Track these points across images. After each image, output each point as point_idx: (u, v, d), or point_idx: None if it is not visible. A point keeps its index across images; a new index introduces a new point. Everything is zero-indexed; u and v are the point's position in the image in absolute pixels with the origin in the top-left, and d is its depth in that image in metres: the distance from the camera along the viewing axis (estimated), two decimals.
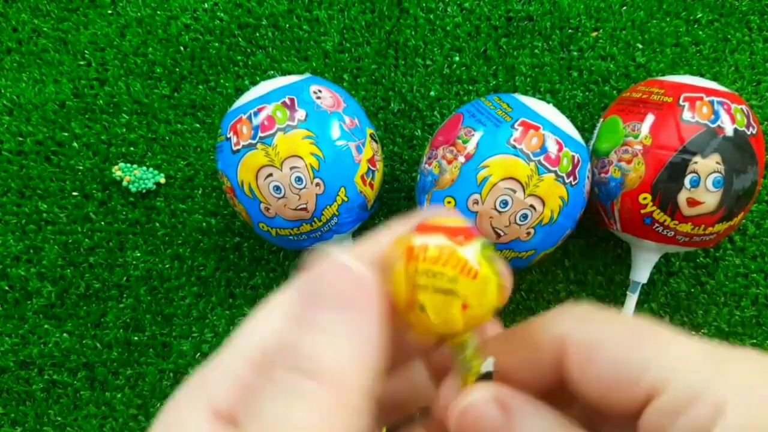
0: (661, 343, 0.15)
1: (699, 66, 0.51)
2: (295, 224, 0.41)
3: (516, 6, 0.51)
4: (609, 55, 0.51)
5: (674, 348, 0.15)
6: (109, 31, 0.52)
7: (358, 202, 0.42)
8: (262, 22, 0.52)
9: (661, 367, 0.15)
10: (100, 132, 0.51)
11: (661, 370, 0.15)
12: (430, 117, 0.51)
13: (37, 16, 0.52)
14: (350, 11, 0.51)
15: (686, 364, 0.15)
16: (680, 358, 0.15)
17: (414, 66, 0.51)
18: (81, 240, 0.50)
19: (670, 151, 0.39)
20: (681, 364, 0.15)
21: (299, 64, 0.51)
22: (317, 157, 0.39)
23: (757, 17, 0.51)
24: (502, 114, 0.40)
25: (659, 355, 0.15)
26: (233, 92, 0.51)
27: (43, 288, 0.49)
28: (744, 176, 0.40)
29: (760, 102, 0.50)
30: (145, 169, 0.50)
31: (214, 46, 0.51)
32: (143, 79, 0.51)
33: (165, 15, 0.52)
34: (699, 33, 0.51)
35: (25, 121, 0.51)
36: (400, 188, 0.50)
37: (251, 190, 0.40)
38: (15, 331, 0.49)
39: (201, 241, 0.50)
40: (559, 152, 0.39)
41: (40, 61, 0.52)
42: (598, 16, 0.51)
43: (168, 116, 0.51)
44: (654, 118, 0.40)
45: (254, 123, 0.40)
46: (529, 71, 0.51)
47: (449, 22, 0.51)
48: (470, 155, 0.39)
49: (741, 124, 0.39)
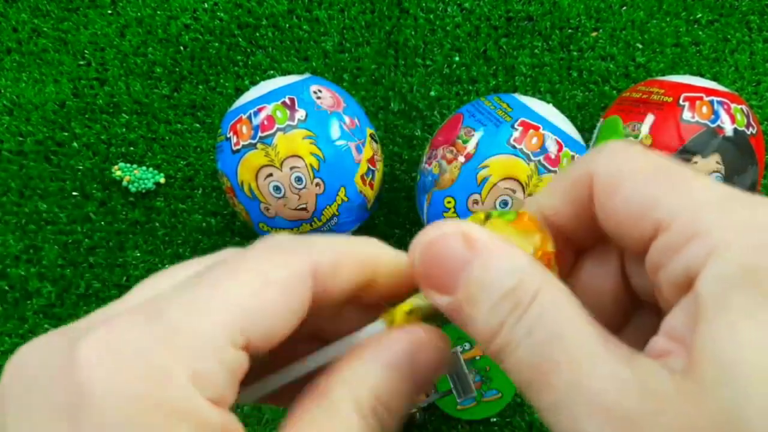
0: (680, 181, 0.15)
1: (699, 66, 0.51)
2: (295, 224, 0.41)
3: (516, 6, 0.51)
4: (609, 55, 0.51)
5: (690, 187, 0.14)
6: (109, 31, 0.52)
7: (358, 202, 0.42)
8: (262, 22, 0.52)
9: (671, 203, 0.14)
10: (100, 132, 0.51)
11: (670, 206, 0.14)
12: (430, 117, 0.51)
13: (37, 16, 0.52)
14: (350, 11, 0.51)
15: (696, 203, 0.14)
16: (692, 198, 0.14)
17: (414, 66, 0.51)
18: (81, 240, 0.50)
19: (670, 151, 0.39)
20: (691, 203, 0.14)
21: (299, 64, 0.51)
22: (317, 157, 0.39)
23: (757, 17, 0.51)
24: (502, 114, 0.40)
25: (673, 192, 0.14)
26: (233, 92, 0.51)
27: (43, 288, 0.49)
28: (744, 176, 0.40)
29: (760, 102, 0.50)
30: (145, 169, 0.50)
31: (214, 46, 0.51)
32: (143, 79, 0.51)
33: (165, 15, 0.52)
34: (699, 33, 0.51)
35: (25, 121, 0.51)
36: (400, 188, 0.50)
37: (251, 190, 0.40)
38: (15, 331, 0.49)
39: (201, 241, 0.50)
40: (559, 152, 0.39)
41: (40, 61, 0.52)
42: (598, 16, 0.51)
43: (168, 116, 0.51)
44: (654, 118, 0.40)
45: (254, 123, 0.40)
46: (529, 71, 0.51)
47: (449, 22, 0.51)
48: (470, 155, 0.39)
49: (741, 124, 0.39)
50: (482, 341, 0.15)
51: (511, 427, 0.45)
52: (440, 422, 0.46)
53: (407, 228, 0.50)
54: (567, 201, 0.17)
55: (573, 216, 0.17)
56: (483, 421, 0.45)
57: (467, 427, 0.45)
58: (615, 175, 0.16)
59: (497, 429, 0.45)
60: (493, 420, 0.45)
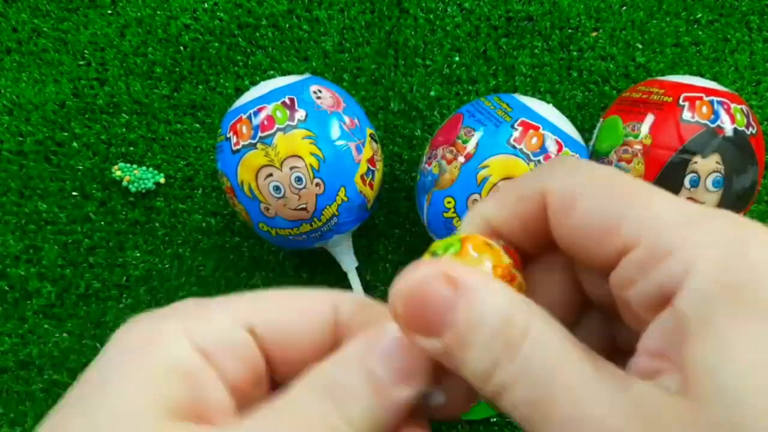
0: (639, 197, 0.15)
1: (699, 66, 0.51)
2: (295, 224, 0.41)
3: (516, 6, 0.51)
4: (609, 55, 0.51)
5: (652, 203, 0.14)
6: (109, 31, 0.52)
7: (358, 202, 0.42)
8: (262, 22, 0.52)
9: (636, 220, 0.14)
10: (99, 132, 0.51)
11: (635, 224, 0.14)
12: (430, 117, 0.51)
13: (37, 16, 0.52)
14: (350, 11, 0.51)
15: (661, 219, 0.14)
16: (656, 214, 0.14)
17: (414, 66, 0.51)
18: (81, 240, 0.50)
19: (670, 151, 0.39)
20: (656, 220, 0.14)
21: (299, 64, 0.51)
22: (317, 157, 0.39)
23: (757, 17, 0.51)
24: (502, 114, 0.40)
25: (636, 208, 0.14)
26: (233, 92, 0.51)
27: (43, 288, 0.49)
28: (744, 176, 0.40)
29: (760, 102, 0.50)
30: (145, 169, 0.50)
31: (214, 46, 0.51)
32: (143, 79, 0.51)
33: (165, 15, 0.52)
34: (699, 33, 0.51)
35: (25, 121, 0.51)
36: (400, 188, 0.50)
37: (251, 190, 0.40)
38: (15, 331, 0.49)
39: (201, 241, 0.50)
40: (559, 152, 0.39)
41: (40, 61, 0.52)
42: (598, 16, 0.51)
43: (168, 116, 0.51)
44: (654, 118, 0.40)
45: (254, 123, 0.40)
46: (529, 71, 0.51)
47: (449, 22, 0.51)
48: (470, 155, 0.39)
49: (741, 124, 0.39)
50: (477, 383, 0.14)
51: (511, 427, 0.45)
52: (439, 422, 0.46)
53: (407, 228, 0.50)
54: (516, 215, 0.17)
55: (522, 229, 0.17)
56: (483, 421, 0.45)
57: (467, 427, 0.45)
58: (570, 192, 0.15)
59: (497, 429, 0.45)
60: (493, 420, 0.45)
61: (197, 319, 0.17)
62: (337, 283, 0.49)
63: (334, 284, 0.49)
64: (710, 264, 0.13)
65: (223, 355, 0.16)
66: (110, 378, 0.15)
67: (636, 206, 0.14)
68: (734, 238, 0.13)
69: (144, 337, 0.16)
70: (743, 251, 0.13)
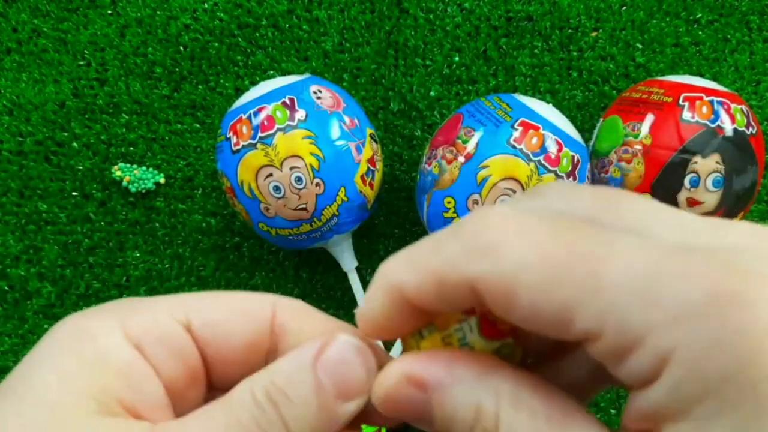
0: (587, 276, 0.13)
1: (699, 66, 0.51)
2: (295, 224, 0.41)
3: (516, 6, 0.51)
4: (609, 55, 0.51)
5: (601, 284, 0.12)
6: (109, 31, 0.52)
7: (358, 202, 0.42)
8: (262, 22, 0.52)
9: (589, 310, 0.12)
10: (99, 132, 0.51)
11: (590, 316, 0.13)
12: (430, 117, 0.51)
13: (37, 16, 0.52)
14: (350, 11, 0.51)
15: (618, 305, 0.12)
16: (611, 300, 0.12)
17: (414, 66, 0.51)
18: (81, 240, 0.50)
19: (669, 150, 0.39)
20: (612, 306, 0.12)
21: (299, 64, 0.51)
22: (317, 157, 0.39)
23: (757, 17, 0.51)
24: (502, 114, 0.40)
25: (586, 292, 0.13)
26: (233, 92, 0.51)
27: (43, 288, 0.49)
28: (744, 176, 0.40)
29: (759, 102, 0.50)
30: (145, 169, 0.50)
31: (214, 46, 0.51)
32: (143, 79, 0.51)
33: (165, 15, 0.52)
34: (699, 33, 0.51)
35: (25, 121, 0.51)
36: (400, 188, 0.50)
37: (251, 190, 0.40)
38: (15, 331, 0.49)
39: (201, 241, 0.50)
40: (559, 152, 0.39)
41: (40, 61, 0.52)
42: (598, 16, 0.51)
43: (168, 116, 0.51)
44: (654, 118, 0.40)
45: (254, 123, 0.40)
46: (528, 71, 0.51)
47: (449, 22, 0.51)
48: (470, 155, 0.39)
49: (741, 124, 0.39)
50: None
51: None
52: None
53: (407, 228, 0.50)
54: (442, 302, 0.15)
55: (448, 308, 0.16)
56: None
57: None
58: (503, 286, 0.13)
59: None
60: None
61: (133, 313, 0.17)
62: (337, 283, 0.49)
63: (334, 284, 0.49)
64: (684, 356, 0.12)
65: (158, 350, 0.16)
66: (39, 371, 0.15)
67: (586, 289, 0.13)
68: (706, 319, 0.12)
69: (77, 330, 0.16)
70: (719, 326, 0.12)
